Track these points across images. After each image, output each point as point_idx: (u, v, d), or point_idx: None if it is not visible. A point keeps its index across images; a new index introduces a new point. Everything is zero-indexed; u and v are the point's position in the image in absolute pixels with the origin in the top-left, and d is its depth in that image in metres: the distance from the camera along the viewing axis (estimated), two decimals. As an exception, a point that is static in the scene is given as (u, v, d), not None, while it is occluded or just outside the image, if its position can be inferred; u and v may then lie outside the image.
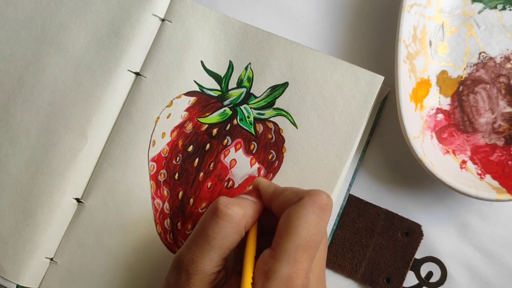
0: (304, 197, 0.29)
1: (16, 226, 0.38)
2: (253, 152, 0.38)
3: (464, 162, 0.37)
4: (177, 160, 0.38)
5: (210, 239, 0.29)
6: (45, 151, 0.38)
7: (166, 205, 0.38)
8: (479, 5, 0.38)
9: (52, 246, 0.38)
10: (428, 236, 0.38)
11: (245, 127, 0.38)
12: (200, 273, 0.29)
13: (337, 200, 0.38)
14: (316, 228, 0.29)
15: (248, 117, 0.38)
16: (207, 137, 0.38)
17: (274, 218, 0.31)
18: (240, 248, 0.31)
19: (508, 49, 0.38)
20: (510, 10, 0.38)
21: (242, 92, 0.38)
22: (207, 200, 0.38)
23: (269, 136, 0.38)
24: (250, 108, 0.38)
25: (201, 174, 0.38)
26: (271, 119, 0.38)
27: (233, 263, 0.33)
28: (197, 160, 0.38)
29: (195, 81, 0.39)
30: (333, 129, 0.37)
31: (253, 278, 0.28)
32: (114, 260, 0.38)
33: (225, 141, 0.38)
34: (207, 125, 0.38)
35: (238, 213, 0.30)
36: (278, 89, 0.38)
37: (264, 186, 0.32)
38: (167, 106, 0.39)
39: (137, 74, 0.39)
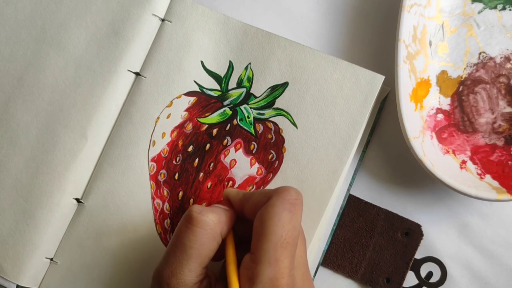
0: (273, 196, 0.29)
1: (16, 226, 0.38)
2: (253, 152, 0.38)
3: (464, 162, 0.37)
4: (177, 160, 0.38)
5: (187, 249, 0.29)
6: (45, 151, 0.38)
7: (166, 205, 0.38)
8: (479, 5, 0.38)
9: (52, 246, 0.38)
10: (428, 236, 0.38)
11: (245, 127, 0.38)
12: (181, 286, 0.28)
13: (337, 200, 0.38)
14: (290, 224, 0.28)
15: (248, 117, 0.38)
16: (207, 137, 0.38)
17: (249, 226, 0.30)
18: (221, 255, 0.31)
19: (508, 49, 0.38)
20: (510, 10, 0.38)
21: (242, 92, 0.38)
22: (207, 200, 0.38)
23: (269, 136, 0.38)
24: (250, 108, 0.38)
25: (201, 174, 0.38)
26: (271, 119, 0.38)
27: (216, 271, 0.33)
28: (197, 160, 0.38)
29: (195, 81, 0.39)
30: (333, 129, 0.37)
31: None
32: (114, 260, 0.38)
33: (225, 141, 0.38)
34: (207, 125, 0.38)
35: (213, 219, 0.30)
36: (278, 89, 0.38)
37: (233, 194, 0.32)
38: (167, 106, 0.39)
39: (137, 74, 0.39)
